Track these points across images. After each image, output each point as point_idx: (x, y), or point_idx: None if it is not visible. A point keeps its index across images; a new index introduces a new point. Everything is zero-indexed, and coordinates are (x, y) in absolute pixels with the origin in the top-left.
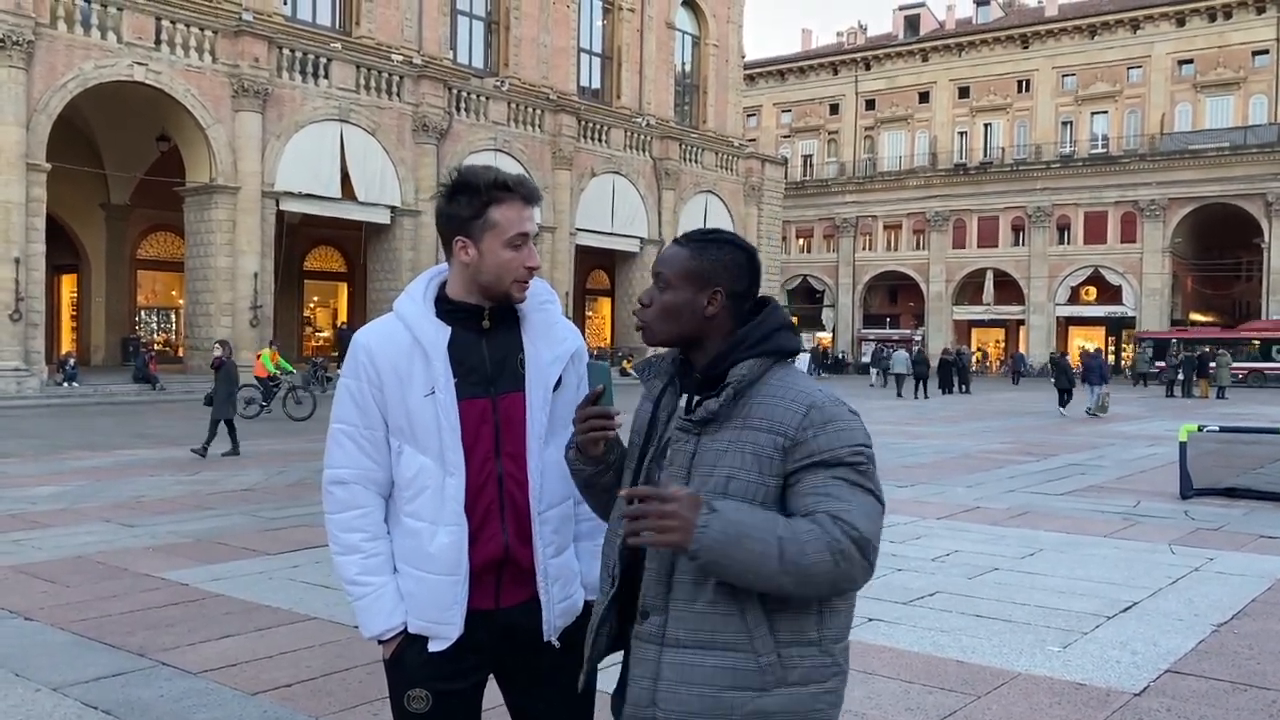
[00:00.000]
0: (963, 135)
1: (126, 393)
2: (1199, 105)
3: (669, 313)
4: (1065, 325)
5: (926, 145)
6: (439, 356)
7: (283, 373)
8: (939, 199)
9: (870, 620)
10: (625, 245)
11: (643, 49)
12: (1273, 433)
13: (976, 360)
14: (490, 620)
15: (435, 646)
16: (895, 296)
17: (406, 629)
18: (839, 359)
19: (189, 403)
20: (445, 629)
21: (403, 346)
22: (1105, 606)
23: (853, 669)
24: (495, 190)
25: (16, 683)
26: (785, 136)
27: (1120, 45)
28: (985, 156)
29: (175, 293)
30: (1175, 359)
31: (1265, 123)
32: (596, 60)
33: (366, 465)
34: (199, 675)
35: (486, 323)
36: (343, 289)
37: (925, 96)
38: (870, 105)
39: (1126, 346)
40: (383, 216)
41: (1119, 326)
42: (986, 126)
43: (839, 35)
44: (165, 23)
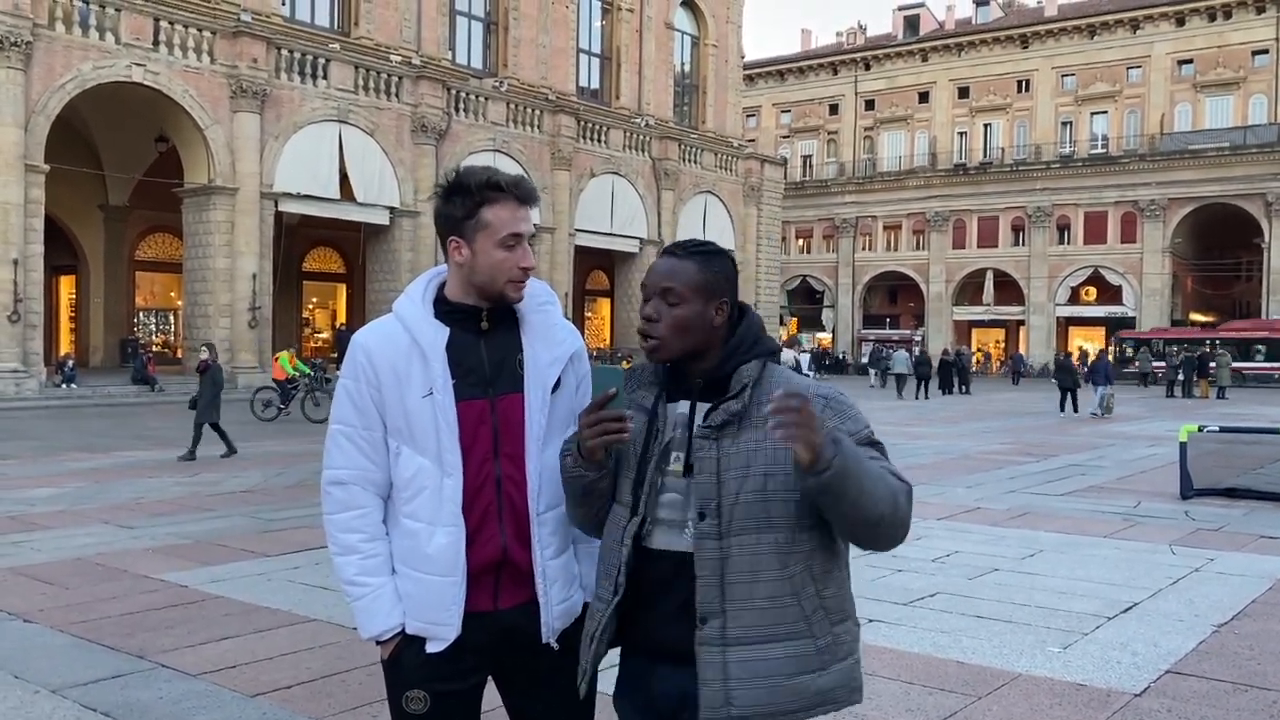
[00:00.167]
0: (962, 135)
1: (125, 394)
2: (1199, 105)
3: (683, 327)
4: (1065, 326)
5: (926, 145)
6: (437, 357)
7: (301, 375)
8: (939, 199)
9: (871, 621)
10: (624, 246)
11: (642, 49)
12: (1273, 433)
13: (977, 361)
14: (489, 622)
15: (433, 647)
16: (895, 297)
17: (405, 630)
18: (839, 359)
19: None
20: (443, 630)
21: (401, 347)
22: (1106, 607)
23: None
24: (487, 190)
25: (15, 685)
26: (785, 137)
27: (1120, 45)
28: (985, 157)
29: (174, 294)
30: (1175, 359)
31: (1265, 123)
32: (595, 61)
33: (365, 466)
34: (198, 677)
35: (485, 324)
36: (341, 290)
37: (925, 97)
38: (870, 105)
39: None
40: (381, 217)
41: (1119, 327)
42: (986, 127)
43: (838, 35)
44: (163, 23)
